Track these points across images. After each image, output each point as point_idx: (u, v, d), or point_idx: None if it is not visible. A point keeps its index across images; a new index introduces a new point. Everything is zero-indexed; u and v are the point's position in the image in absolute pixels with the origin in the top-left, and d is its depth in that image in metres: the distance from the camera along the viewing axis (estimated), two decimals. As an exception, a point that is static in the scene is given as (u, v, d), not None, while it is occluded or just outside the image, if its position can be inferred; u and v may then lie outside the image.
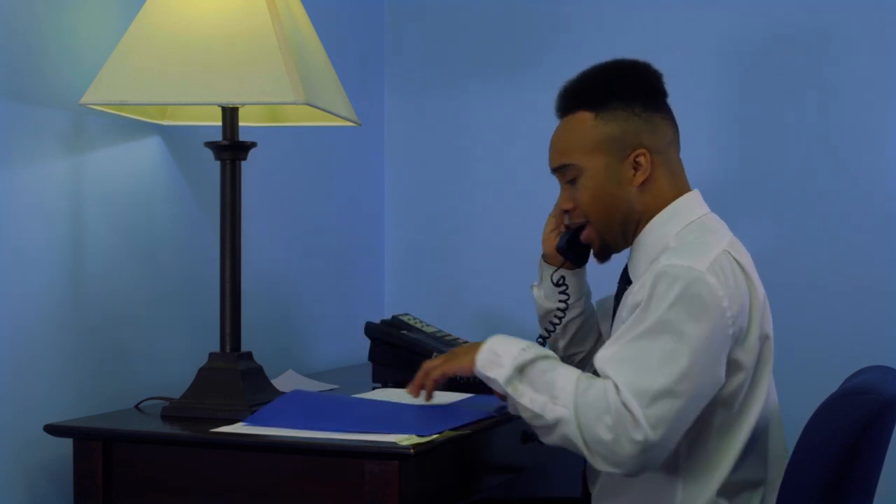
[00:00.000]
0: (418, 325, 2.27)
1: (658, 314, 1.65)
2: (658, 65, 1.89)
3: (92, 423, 1.81)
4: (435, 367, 1.77)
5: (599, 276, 2.05)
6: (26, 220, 1.82)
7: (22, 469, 1.81)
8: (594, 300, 2.14)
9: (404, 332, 2.23)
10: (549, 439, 1.66)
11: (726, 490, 1.72)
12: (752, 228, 2.63)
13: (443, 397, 1.98)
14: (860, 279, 2.57)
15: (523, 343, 1.70)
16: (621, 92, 1.84)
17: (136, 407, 1.97)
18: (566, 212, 1.91)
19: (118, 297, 2.01)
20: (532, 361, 1.67)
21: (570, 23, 2.79)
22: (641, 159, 1.82)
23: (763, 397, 1.76)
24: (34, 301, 1.84)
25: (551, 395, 1.64)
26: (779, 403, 1.88)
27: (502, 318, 2.80)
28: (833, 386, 1.66)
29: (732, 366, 1.70)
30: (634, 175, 1.82)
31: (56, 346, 1.88)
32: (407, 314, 2.32)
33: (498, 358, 1.69)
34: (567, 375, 1.65)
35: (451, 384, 2.10)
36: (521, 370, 1.67)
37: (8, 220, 1.79)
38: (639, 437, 1.58)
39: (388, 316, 2.33)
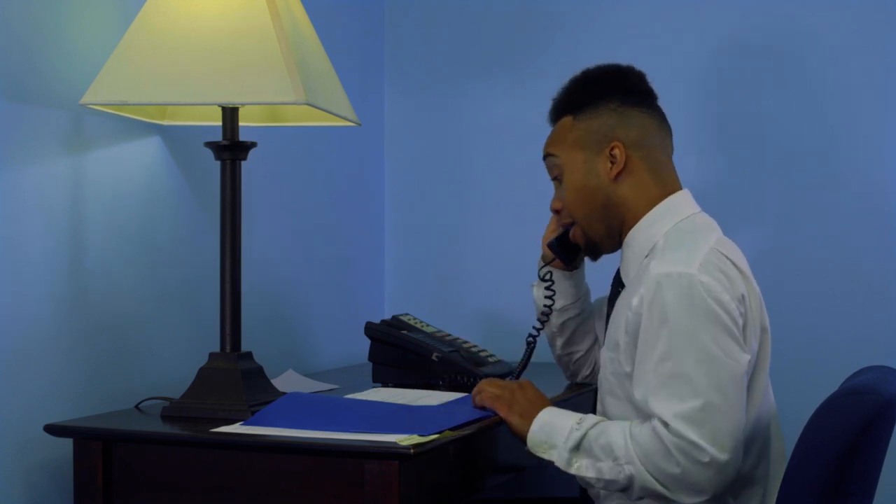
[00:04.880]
0: (418, 325, 2.27)
1: (668, 331, 1.67)
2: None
3: (92, 423, 1.81)
4: (490, 396, 1.82)
5: (600, 275, 2.06)
6: (26, 220, 1.82)
7: (22, 469, 1.81)
8: (594, 298, 2.15)
9: (404, 332, 2.23)
10: (633, 496, 1.70)
11: (732, 486, 1.72)
12: (753, 229, 2.63)
13: (443, 397, 1.98)
14: (860, 279, 2.57)
15: (571, 421, 1.73)
16: (597, 91, 1.91)
17: (136, 407, 1.97)
18: (556, 212, 1.98)
19: (118, 297, 2.01)
20: (584, 436, 1.71)
21: (570, 22, 2.79)
22: (616, 151, 1.87)
23: (761, 391, 1.77)
24: (34, 301, 1.84)
25: (613, 458, 1.68)
26: (779, 404, 1.88)
27: (502, 318, 2.80)
28: (833, 386, 1.66)
29: None
30: (611, 168, 1.87)
31: (56, 346, 1.88)
32: (407, 314, 2.32)
33: (550, 439, 1.74)
34: (618, 432, 1.69)
35: (452, 384, 2.11)
36: (576, 447, 1.71)
37: (8, 220, 1.79)
38: (705, 458, 1.62)
39: (388, 316, 2.33)
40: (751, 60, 2.65)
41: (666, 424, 1.63)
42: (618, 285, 1.90)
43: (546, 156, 1.95)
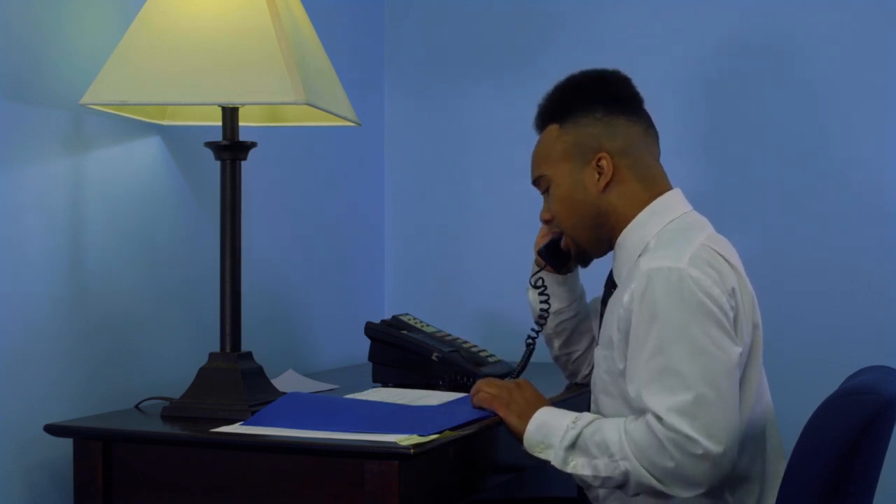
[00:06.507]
0: (418, 325, 2.27)
1: (659, 325, 1.67)
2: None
3: (92, 423, 1.81)
4: (488, 396, 1.82)
5: (593, 277, 2.06)
6: (26, 220, 1.82)
7: (22, 469, 1.81)
8: (590, 298, 2.15)
9: (404, 332, 2.23)
10: (629, 492, 1.70)
11: (729, 484, 1.73)
12: (754, 229, 2.63)
13: (443, 397, 1.98)
14: (860, 279, 2.57)
15: (567, 420, 1.74)
16: (582, 100, 1.90)
17: (136, 407, 1.97)
18: (546, 222, 1.98)
19: (118, 297, 2.01)
20: (579, 435, 1.71)
21: (570, 22, 2.79)
22: (603, 162, 1.86)
23: (754, 387, 1.77)
24: (34, 301, 1.84)
25: (608, 454, 1.68)
26: (779, 404, 1.88)
27: (502, 318, 2.80)
28: (833, 386, 1.66)
29: None
30: (598, 179, 1.86)
31: (56, 346, 1.88)
32: (407, 314, 2.32)
33: (546, 439, 1.74)
34: (613, 429, 1.69)
35: (452, 384, 2.11)
36: (571, 446, 1.71)
37: (8, 220, 1.79)
38: (699, 451, 1.61)
39: (388, 316, 2.32)
40: (750, 60, 2.65)
41: (659, 418, 1.63)
42: (611, 286, 1.90)
43: (537, 178, 1.94)
